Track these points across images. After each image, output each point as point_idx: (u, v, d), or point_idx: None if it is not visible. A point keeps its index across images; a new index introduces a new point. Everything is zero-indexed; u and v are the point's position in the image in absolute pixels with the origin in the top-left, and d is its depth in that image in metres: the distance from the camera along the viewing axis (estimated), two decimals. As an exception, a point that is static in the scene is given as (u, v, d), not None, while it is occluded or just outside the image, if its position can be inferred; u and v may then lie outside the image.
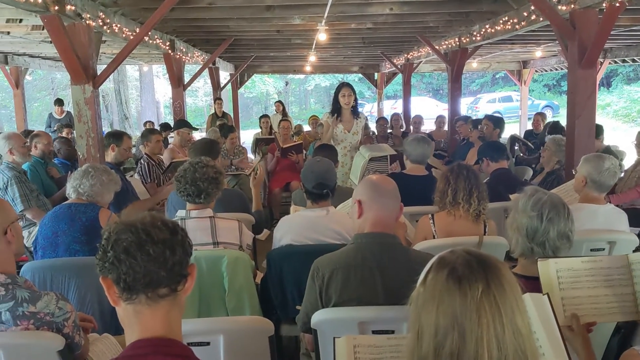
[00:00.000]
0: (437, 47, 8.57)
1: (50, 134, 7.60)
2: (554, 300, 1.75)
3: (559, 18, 4.68)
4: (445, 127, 9.10)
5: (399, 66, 12.08)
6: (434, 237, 3.22)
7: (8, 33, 7.35)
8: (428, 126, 10.91)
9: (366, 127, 8.83)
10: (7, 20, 6.30)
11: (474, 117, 8.47)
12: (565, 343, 1.61)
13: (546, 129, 7.59)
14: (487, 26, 6.66)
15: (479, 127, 6.60)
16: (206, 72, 11.14)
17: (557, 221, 2.16)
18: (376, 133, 8.53)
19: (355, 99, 5.81)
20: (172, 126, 8.64)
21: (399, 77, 15.52)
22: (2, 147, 4.88)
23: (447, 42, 8.32)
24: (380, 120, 8.61)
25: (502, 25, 6.22)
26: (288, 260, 3.08)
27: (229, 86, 14.47)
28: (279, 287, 3.13)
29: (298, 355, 3.29)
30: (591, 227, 3.18)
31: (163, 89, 30.28)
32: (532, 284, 2.02)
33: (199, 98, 33.72)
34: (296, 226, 3.19)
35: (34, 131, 7.34)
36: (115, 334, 2.69)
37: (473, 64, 13.47)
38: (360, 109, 6.00)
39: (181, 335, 1.41)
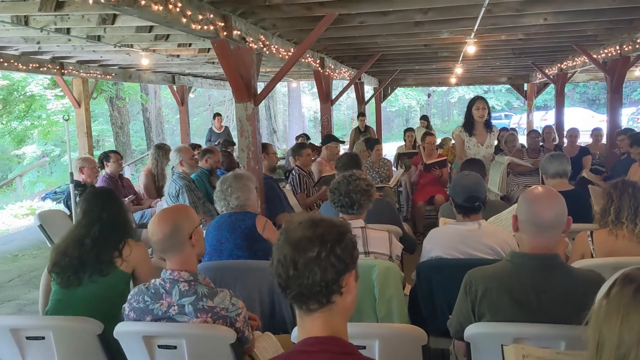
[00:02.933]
0: (594, 55, 8.08)
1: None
2: None
3: None
4: (603, 140, 8.51)
5: (551, 76, 11.51)
6: (592, 256, 3.07)
7: (178, 56, 8.16)
8: (583, 139, 10.26)
9: (513, 138, 8.54)
10: (179, 45, 7.01)
11: (636, 129, 7.83)
12: None
13: None
14: (653, 32, 6.18)
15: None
16: (350, 86, 11.43)
17: None
18: (526, 147, 8.19)
19: (489, 113, 5.67)
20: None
21: (550, 88, 14.79)
22: (174, 159, 5.43)
23: (606, 51, 7.80)
24: (532, 133, 8.22)
25: (671, 31, 5.74)
26: (438, 273, 3.10)
27: (372, 100, 14.71)
28: (428, 299, 3.15)
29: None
30: None
31: (307, 103, 31.45)
32: None
33: (342, 112, 34.51)
34: (447, 239, 3.20)
35: (199, 145, 8.04)
36: (274, 333, 2.90)
37: (635, 72, 12.45)
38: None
39: (347, 334, 1.46)
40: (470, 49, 7.23)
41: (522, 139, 9.94)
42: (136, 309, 2.39)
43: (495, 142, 5.92)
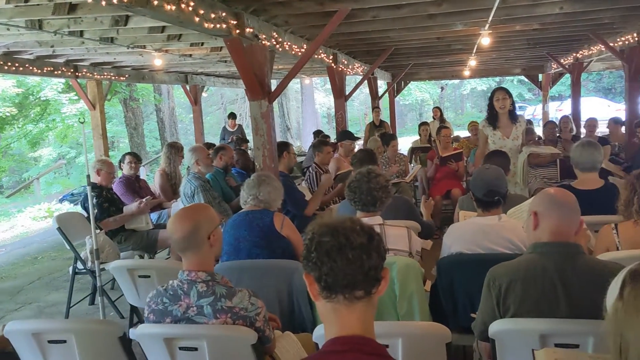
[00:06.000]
0: (611, 44, 7.95)
1: (226, 145, 8.26)
2: None
3: None
4: (622, 130, 8.38)
5: (566, 66, 11.37)
6: (617, 249, 3.02)
7: (190, 56, 8.16)
8: (602, 129, 10.11)
9: (530, 132, 8.45)
10: (191, 44, 7.01)
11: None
12: None
13: None
14: (672, 18, 6.06)
15: None
16: (363, 82, 11.39)
17: None
18: (543, 138, 8.09)
19: (512, 102, 5.53)
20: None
21: (564, 78, 14.61)
22: (189, 158, 5.44)
23: (623, 38, 7.67)
24: (549, 124, 8.13)
25: (691, 17, 5.62)
26: (459, 269, 3.07)
27: (386, 94, 14.64)
28: (449, 295, 3.12)
29: (466, 364, 3.26)
30: None
31: (320, 100, 31.42)
32: None
33: (355, 107, 34.44)
34: (467, 234, 3.16)
35: (213, 144, 8.05)
36: (294, 333, 2.88)
37: (653, 59, 12.24)
38: (521, 112, 5.72)
39: (374, 333, 1.46)
40: (485, 40, 7.14)
41: (538, 130, 9.84)
42: (155, 311, 2.38)
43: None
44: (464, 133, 11.60)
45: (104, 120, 9.37)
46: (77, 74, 8.43)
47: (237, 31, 4.58)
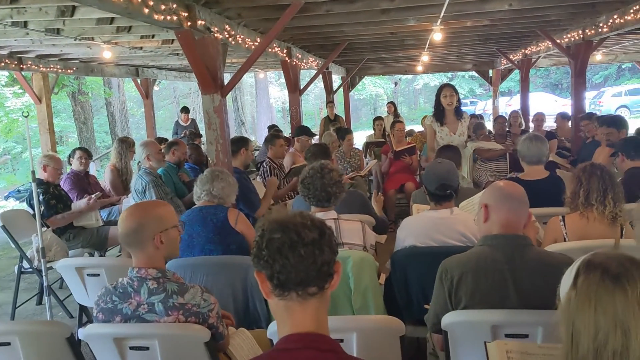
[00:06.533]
0: (558, 40, 8.18)
1: (178, 140, 8.12)
2: None
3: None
4: (569, 124, 8.65)
5: (516, 62, 11.65)
6: (564, 240, 3.11)
7: (141, 48, 7.97)
8: (549, 123, 10.42)
9: (481, 126, 8.63)
10: (142, 37, 6.84)
11: (598, 113, 7.97)
12: None
13: None
14: (615, 16, 6.26)
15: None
16: (318, 76, 11.38)
17: None
18: (493, 132, 8.28)
19: (459, 99, 5.63)
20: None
21: (514, 73, 14.98)
22: (140, 153, 5.32)
23: (569, 35, 7.90)
24: (499, 119, 8.32)
25: (632, 15, 5.82)
26: (413, 262, 3.10)
27: (340, 89, 14.69)
28: (403, 288, 3.15)
29: (419, 356, 3.30)
30: None
31: (275, 94, 31.27)
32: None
33: (310, 102, 34.44)
34: (420, 227, 3.20)
35: (166, 138, 7.90)
36: (248, 329, 2.85)
37: (597, 56, 12.66)
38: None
39: (328, 329, 1.46)
40: (437, 36, 7.24)
41: (488, 125, 10.05)
42: (104, 309, 2.32)
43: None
44: (418, 127, 11.75)
45: (50, 115, 9.04)
46: (21, 66, 8.11)
47: (189, 23, 4.48)
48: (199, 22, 4.62)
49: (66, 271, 3.83)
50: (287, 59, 8.07)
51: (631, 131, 7.00)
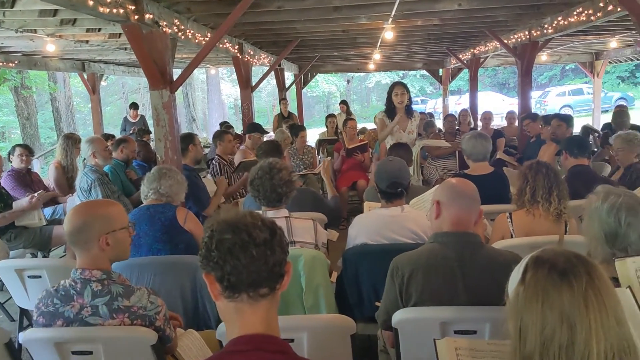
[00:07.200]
0: (505, 41, 8.37)
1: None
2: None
3: (638, 7, 4.49)
4: (516, 123, 8.88)
5: (465, 61, 11.88)
6: (511, 236, 3.17)
7: (87, 42, 7.72)
8: (497, 122, 10.67)
9: (431, 124, 8.77)
10: (87, 30, 6.62)
11: (542, 112, 8.21)
12: None
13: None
14: (559, 18, 6.46)
15: (550, 128, 6.37)
16: (270, 73, 11.32)
17: (636, 224, 2.06)
18: (443, 130, 8.41)
19: (410, 98, 5.71)
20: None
21: (463, 73, 15.28)
22: (85, 150, 5.15)
23: (516, 36, 8.10)
24: (449, 117, 8.46)
25: (576, 17, 6.01)
26: (364, 260, 3.11)
27: (293, 86, 14.65)
28: (354, 286, 3.16)
29: (370, 354, 3.31)
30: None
31: (227, 90, 30.96)
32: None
33: (263, 99, 34.24)
34: (371, 225, 3.21)
35: (113, 135, 7.68)
36: (197, 330, 2.80)
37: (542, 56, 13.05)
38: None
39: (279, 330, 1.43)
40: (388, 34, 7.30)
41: (438, 123, 10.22)
42: (45, 313, 2.22)
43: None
44: (371, 125, 11.83)
45: (-10, 110, 8.68)
46: (-42, 58, 7.76)
47: (136, 17, 4.36)
48: (147, 15, 4.51)
49: (5, 273, 3.67)
50: (238, 55, 7.99)
51: (575, 129, 7.25)
